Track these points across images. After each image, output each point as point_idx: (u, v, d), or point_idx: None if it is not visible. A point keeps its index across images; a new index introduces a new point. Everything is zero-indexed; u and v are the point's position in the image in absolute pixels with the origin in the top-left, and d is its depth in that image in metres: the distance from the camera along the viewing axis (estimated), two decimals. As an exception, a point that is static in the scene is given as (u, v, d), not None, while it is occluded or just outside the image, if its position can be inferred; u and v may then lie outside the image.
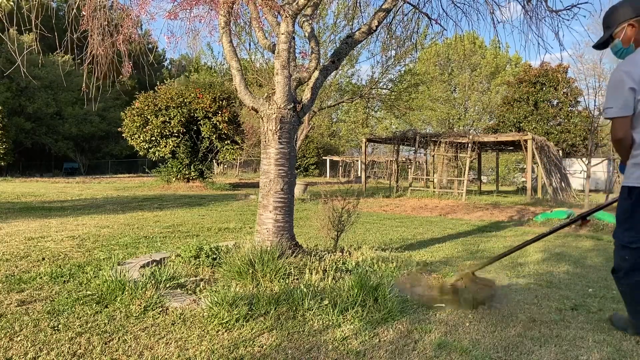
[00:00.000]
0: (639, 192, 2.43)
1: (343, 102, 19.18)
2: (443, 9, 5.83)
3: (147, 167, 27.21)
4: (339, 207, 4.49)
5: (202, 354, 2.28)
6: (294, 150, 4.22)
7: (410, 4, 5.65)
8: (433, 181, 18.87)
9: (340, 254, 4.20)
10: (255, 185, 18.88)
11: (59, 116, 31.34)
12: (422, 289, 3.24)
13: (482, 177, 25.29)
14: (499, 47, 31.38)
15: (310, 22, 4.66)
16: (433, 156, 19.71)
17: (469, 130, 29.45)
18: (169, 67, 40.05)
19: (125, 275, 3.25)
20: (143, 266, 3.85)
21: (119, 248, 4.91)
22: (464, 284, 3.15)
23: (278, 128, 4.00)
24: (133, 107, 16.83)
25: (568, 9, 4.92)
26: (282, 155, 4.03)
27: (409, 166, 21.82)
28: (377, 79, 17.85)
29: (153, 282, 3.17)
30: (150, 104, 16.49)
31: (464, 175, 15.97)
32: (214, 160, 18.32)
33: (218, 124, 16.21)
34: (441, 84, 31.21)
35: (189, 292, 3.21)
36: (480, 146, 19.44)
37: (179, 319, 2.73)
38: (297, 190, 12.49)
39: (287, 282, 3.37)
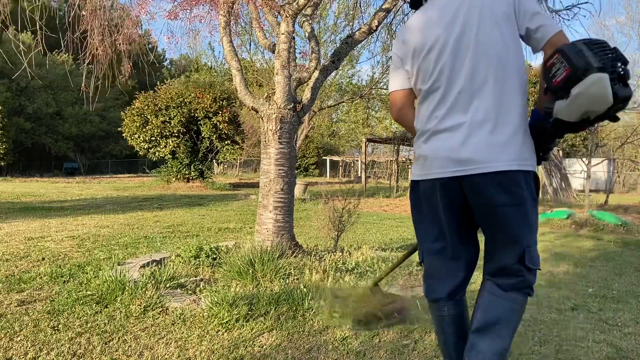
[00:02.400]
0: (415, 186, 1.77)
1: (343, 102, 19.18)
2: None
3: (147, 167, 27.20)
4: (339, 207, 4.49)
5: (202, 354, 2.28)
6: (294, 150, 4.22)
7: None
8: (433, 181, 18.81)
9: (340, 254, 4.20)
10: (255, 185, 18.88)
11: (58, 116, 31.32)
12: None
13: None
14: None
15: (310, 22, 4.66)
16: (433, 156, 19.65)
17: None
18: (169, 67, 40.06)
19: (125, 275, 3.25)
20: (143, 266, 3.86)
21: (119, 248, 4.91)
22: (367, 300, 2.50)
23: (278, 128, 4.00)
24: (133, 107, 16.82)
25: (568, 9, 4.92)
26: (282, 155, 4.03)
27: (409, 166, 21.81)
28: (377, 79, 17.85)
29: (153, 282, 3.17)
30: (150, 104, 16.48)
31: (464, 175, 15.95)
32: (214, 160, 18.32)
33: (218, 124, 16.20)
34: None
35: (189, 292, 3.21)
36: (480, 146, 19.38)
37: (179, 319, 2.73)
38: (297, 190, 12.49)
39: (287, 282, 3.37)
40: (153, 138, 16.51)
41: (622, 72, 1.36)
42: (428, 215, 1.72)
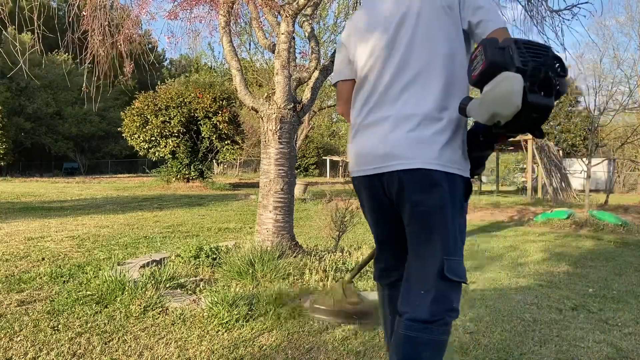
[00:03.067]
0: (352, 180, 1.68)
1: (343, 102, 19.15)
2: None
3: (147, 167, 27.19)
4: (342, 207, 4.50)
5: (202, 354, 2.28)
6: (294, 150, 4.22)
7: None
8: (433, 181, 18.83)
9: (341, 254, 4.20)
10: (255, 185, 18.87)
11: (58, 116, 31.32)
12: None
13: (482, 177, 25.30)
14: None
15: (310, 22, 4.66)
16: (433, 156, 19.67)
17: (469, 130, 29.42)
18: (169, 67, 40.05)
19: (125, 275, 3.25)
20: (143, 266, 3.85)
21: (118, 248, 4.91)
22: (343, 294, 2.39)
23: (278, 128, 4.00)
24: (133, 107, 16.82)
25: (568, 9, 4.92)
26: (282, 155, 4.03)
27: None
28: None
29: (153, 282, 3.17)
30: (150, 103, 16.48)
31: (464, 175, 15.96)
32: (214, 160, 18.31)
33: (218, 124, 16.20)
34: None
35: (189, 292, 3.21)
36: (480, 146, 19.40)
37: (179, 319, 2.73)
38: (297, 190, 12.48)
39: (287, 282, 3.37)
40: (153, 138, 16.50)
41: (548, 81, 1.20)
42: (365, 207, 1.68)
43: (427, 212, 1.44)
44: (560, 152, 19.94)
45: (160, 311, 2.83)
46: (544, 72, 1.19)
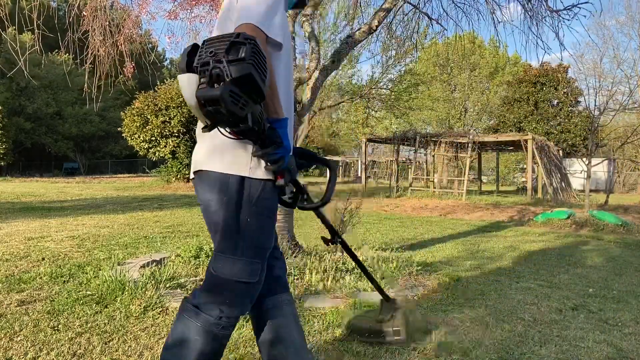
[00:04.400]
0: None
1: (343, 102, 19.19)
2: (443, 9, 5.82)
3: (147, 167, 27.19)
4: (341, 207, 4.49)
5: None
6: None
7: (410, 3, 5.64)
8: (433, 181, 18.86)
9: (341, 254, 4.19)
10: (255, 185, 18.83)
11: (58, 116, 31.31)
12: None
13: (482, 177, 25.30)
14: (499, 47, 31.38)
15: (310, 22, 4.66)
16: (433, 156, 19.70)
17: (469, 130, 29.47)
18: (169, 67, 40.05)
19: (125, 275, 3.25)
20: (143, 266, 3.85)
21: (118, 248, 4.91)
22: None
23: (278, 128, 4.00)
24: (133, 107, 16.83)
25: (568, 9, 4.92)
26: (282, 155, 4.02)
27: (409, 166, 21.83)
28: (377, 79, 17.86)
29: (153, 282, 3.17)
30: (150, 103, 16.48)
31: (464, 175, 15.97)
32: (214, 160, 18.31)
33: (218, 124, 16.21)
34: (441, 83, 31.21)
35: (189, 292, 3.21)
36: (481, 146, 19.44)
37: (179, 319, 2.72)
38: (297, 190, 12.45)
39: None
40: (153, 138, 16.51)
41: (217, 73, 1.20)
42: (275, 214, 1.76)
43: (203, 209, 1.55)
44: (560, 152, 19.95)
45: (160, 311, 2.83)
46: (212, 65, 1.20)
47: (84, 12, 4.22)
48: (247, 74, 1.20)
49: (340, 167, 38.32)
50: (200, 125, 1.52)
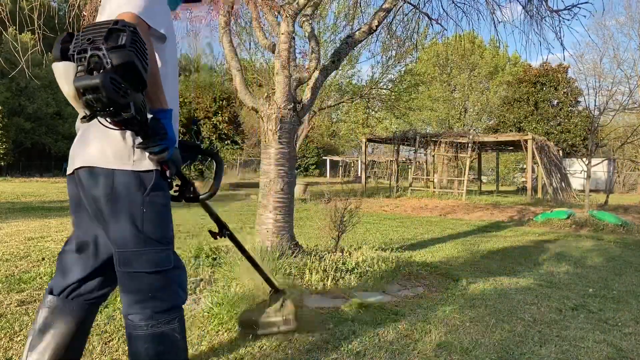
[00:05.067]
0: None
1: (343, 102, 19.18)
2: (443, 9, 5.82)
3: (147, 167, 27.16)
4: (341, 207, 4.49)
5: (202, 354, 2.28)
6: (294, 150, 4.21)
7: (410, 3, 5.65)
8: (433, 181, 18.87)
9: (340, 254, 4.20)
10: (255, 185, 18.87)
11: (58, 116, 31.29)
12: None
13: (482, 177, 25.30)
14: (498, 47, 31.37)
15: (310, 22, 4.66)
16: (433, 156, 19.71)
17: (469, 130, 29.48)
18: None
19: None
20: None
21: (119, 248, 4.91)
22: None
23: (278, 128, 4.00)
24: (133, 107, 16.84)
25: (568, 9, 4.92)
26: (282, 155, 4.03)
27: (409, 166, 21.83)
28: (377, 79, 17.86)
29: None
30: (150, 104, 16.50)
31: (464, 175, 15.97)
32: (214, 160, 18.33)
33: (218, 124, 16.21)
34: (441, 84, 31.22)
35: (189, 292, 3.21)
36: (480, 146, 19.45)
37: (179, 319, 2.72)
38: (297, 190, 12.48)
39: (287, 282, 3.37)
40: (153, 138, 16.53)
41: (95, 60, 1.15)
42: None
43: (90, 206, 1.50)
44: (560, 152, 19.95)
45: (160, 311, 2.82)
46: (90, 53, 1.16)
47: (84, 12, 4.21)
48: (129, 61, 1.16)
49: (340, 167, 38.31)
50: (80, 117, 1.43)
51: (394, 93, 18.62)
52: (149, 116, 1.33)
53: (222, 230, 2.08)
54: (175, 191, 1.68)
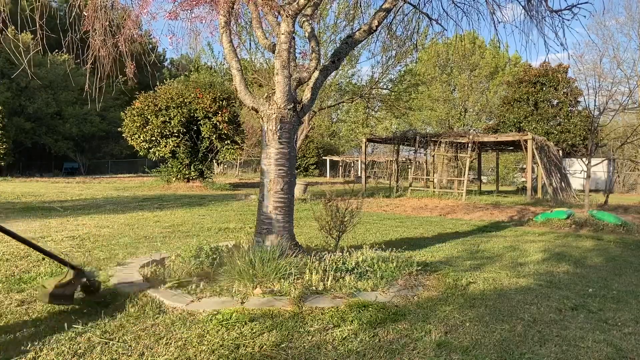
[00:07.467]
0: None
1: (343, 102, 19.19)
2: (443, 9, 5.82)
3: (147, 167, 27.17)
4: (342, 207, 4.49)
5: (202, 354, 2.28)
6: (294, 150, 4.21)
7: (410, 4, 5.65)
8: (433, 181, 18.86)
9: (341, 254, 4.20)
10: (255, 185, 18.87)
11: (59, 116, 31.29)
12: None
13: (482, 177, 25.30)
14: (499, 47, 31.37)
15: (310, 22, 4.66)
16: (433, 156, 19.71)
17: (469, 130, 29.47)
18: (170, 67, 40.07)
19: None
20: (143, 266, 3.86)
21: (119, 248, 4.91)
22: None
23: (278, 128, 4.00)
24: (133, 107, 16.82)
25: (568, 9, 4.91)
26: (282, 155, 4.03)
27: (409, 166, 21.82)
28: (377, 79, 17.86)
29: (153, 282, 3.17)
30: (150, 104, 16.48)
31: (464, 175, 15.97)
32: (214, 160, 18.31)
33: (218, 124, 16.19)
34: (441, 84, 31.24)
35: (189, 292, 3.21)
36: (480, 146, 19.44)
37: (179, 319, 2.73)
38: (297, 190, 12.47)
39: (287, 282, 3.37)
40: (153, 138, 16.50)
41: None
42: None
43: None
44: (560, 152, 19.95)
45: (160, 311, 2.83)
46: None
47: (84, 12, 4.21)
48: None
49: (340, 167, 38.32)
50: None
51: (394, 93, 18.63)
52: None
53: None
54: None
